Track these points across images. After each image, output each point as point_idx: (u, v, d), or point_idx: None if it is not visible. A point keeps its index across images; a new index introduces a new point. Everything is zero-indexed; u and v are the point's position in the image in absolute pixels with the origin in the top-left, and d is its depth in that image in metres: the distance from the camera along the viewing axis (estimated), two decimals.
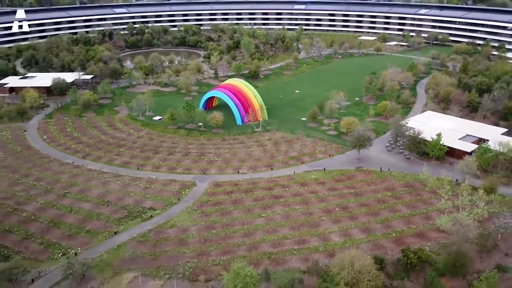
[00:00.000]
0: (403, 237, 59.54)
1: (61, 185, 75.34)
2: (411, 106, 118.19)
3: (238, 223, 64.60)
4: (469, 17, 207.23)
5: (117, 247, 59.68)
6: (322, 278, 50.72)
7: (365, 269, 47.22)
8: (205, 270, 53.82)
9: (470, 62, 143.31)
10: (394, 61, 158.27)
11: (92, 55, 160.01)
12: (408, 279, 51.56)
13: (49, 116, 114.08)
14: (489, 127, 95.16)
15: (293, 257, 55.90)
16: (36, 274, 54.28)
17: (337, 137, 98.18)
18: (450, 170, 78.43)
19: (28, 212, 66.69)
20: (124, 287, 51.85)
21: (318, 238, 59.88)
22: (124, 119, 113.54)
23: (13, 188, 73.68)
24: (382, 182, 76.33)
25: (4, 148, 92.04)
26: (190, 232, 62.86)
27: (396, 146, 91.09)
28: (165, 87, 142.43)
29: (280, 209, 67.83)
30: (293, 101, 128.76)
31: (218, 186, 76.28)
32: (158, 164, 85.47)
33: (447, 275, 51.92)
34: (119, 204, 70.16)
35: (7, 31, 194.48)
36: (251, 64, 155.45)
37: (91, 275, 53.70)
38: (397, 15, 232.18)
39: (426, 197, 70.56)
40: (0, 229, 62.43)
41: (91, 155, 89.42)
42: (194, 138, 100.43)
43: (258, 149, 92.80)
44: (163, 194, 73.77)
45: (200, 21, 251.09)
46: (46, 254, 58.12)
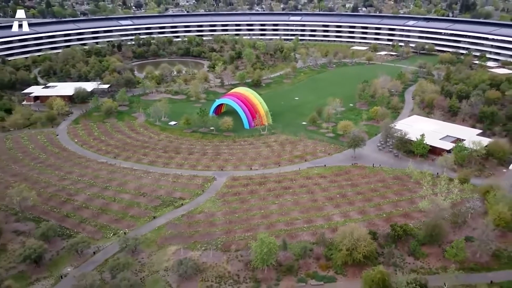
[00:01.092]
0: (392, 217, 73.15)
1: (102, 180, 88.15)
2: (400, 111, 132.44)
3: (255, 208, 77.80)
4: (453, 28, 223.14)
5: (157, 228, 72.54)
6: (327, 247, 64.07)
7: (362, 238, 60.61)
8: (233, 243, 66.90)
9: (452, 71, 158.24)
10: (385, 70, 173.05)
11: (106, 66, 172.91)
12: (395, 247, 64.99)
13: (75, 122, 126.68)
14: (466, 129, 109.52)
15: (303, 233, 69.20)
16: (95, 248, 66.98)
17: (335, 139, 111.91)
18: (431, 165, 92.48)
19: (79, 202, 79.42)
20: (170, 257, 64.72)
21: (322, 218, 73.30)
22: (143, 124, 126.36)
23: (62, 183, 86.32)
24: (374, 175, 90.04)
25: (44, 150, 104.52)
26: (217, 216, 75.90)
27: (386, 145, 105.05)
28: (176, 95, 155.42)
29: (290, 197, 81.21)
30: (294, 107, 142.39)
31: (235, 180, 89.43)
32: (181, 162, 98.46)
33: (427, 244, 65.53)
34: (153, 195, 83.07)
35: (21, 43, 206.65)
36: (253, 74, 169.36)
37: (140, 249, 66.47)
38: (387, 26, 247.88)
39: (411, 186, 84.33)
40: (60, 214, 75.10)
41: (121, 156, 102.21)
42: (208, 140, 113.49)
43: (266, 149, 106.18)
44: (189, 187, 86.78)
45: (201, 32, 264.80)
46: (100, 234, 70.79)
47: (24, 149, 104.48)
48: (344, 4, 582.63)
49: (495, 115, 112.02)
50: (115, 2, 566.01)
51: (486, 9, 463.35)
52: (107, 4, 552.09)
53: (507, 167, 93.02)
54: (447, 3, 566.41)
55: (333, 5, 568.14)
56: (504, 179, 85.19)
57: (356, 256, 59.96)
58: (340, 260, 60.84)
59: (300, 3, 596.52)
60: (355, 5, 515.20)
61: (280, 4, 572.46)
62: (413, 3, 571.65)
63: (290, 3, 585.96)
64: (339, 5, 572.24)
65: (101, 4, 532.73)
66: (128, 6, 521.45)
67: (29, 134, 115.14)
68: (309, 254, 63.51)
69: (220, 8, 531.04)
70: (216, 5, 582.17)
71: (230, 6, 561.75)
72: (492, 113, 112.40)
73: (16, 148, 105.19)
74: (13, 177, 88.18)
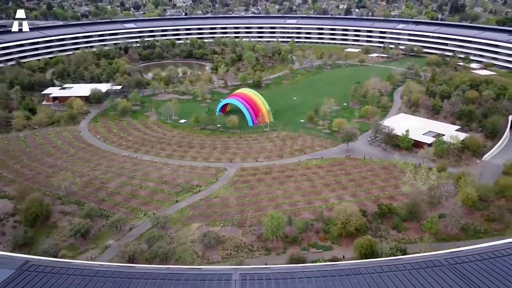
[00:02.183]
0: (379, 199, 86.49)
1: (128, 170, 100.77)
2: (388, 109, 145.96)
3: (263, 193, 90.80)
4: (440, 31, 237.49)
5: (180, 210, 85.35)
6: (325, 223, 77.30)
7: (353, 214, 73.83)
8: (247, 220, 79.97)
9: (437, 72, 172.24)
10: (376, 71, 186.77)
11: (116, 68, 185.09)
12: (381, 223, 78.33)
13: (94, 120, 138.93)
14: (446, 125, 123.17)
15: (305, 212, 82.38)
16: (130, 225, 79.73)
17: (330, 134, 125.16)
18: (414, 156, 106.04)
19: (111, 188, 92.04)
20: (194, 231, 77.66)
21: (320, 201, 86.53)
22: (156, 122, 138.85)
23: (93, 173, 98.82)
24: (365, 166, 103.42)
25: (71, 145, 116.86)
26: (230, 200, 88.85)
27: (375, 140, 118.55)
28: (183, 95, 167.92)
29: (292, 184, 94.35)
30: (292, 106, 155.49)
31: (244, 170, 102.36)
32: (194, 155, 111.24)
33: (407, 220, 78.94)
34: (174, 183, 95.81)
35: (32, 46, 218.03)
36: (254, 75, 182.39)
37: (168, 226, 79.27)
38: (378, 29, 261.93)
39: (396, 175, 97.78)
40: (97, 198, 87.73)
41: (141, 150, 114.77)
42: (217, 137, 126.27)
43: (269, 144, 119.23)
44: (204, 176, 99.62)
45: (201, 35, 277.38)
46: (132, 215, 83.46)
47: (54, 144, 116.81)
48: (337, 5, 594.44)
49: (472, 113, 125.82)
50: (113, 3, 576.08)
51: (474, 11, 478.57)
52: (105, 5, 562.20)
53: (480, 158, 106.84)
54: (437, 4, 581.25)
55: (326, 6, 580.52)
56: (476, 168, 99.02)
57: (349, 229, 73.15)
58: (335, 232, 74.04)
59: (294, 3, 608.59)
60: (349, 7, 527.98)
61: (275, 5, 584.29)
62: (404, 4, 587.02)
63: (285, 4, 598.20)
64: (332, 6, 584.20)
65: (100, 5, 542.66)
66: (126, 7, 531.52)
67: (55, 131, 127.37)
68: (310, 228, 76.70)
69: (217, 9, 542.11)
70: (212, 6, 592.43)
71: (227, 7, 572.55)
72: (470, 111, 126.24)
73: (47, 143, 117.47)
74: (50, 168, 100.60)
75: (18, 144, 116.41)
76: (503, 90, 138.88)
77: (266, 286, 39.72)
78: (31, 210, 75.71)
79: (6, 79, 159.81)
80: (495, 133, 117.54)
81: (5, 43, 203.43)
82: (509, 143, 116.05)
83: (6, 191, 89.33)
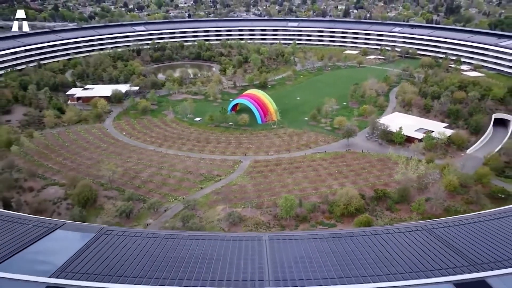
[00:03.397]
0: (375, 185, 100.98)
1: (156, 162, 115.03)
2: (384, 109, 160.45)
3: (275, 181, 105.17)
4: (433, 35, 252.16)
5: (205, 195, 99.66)
6: (329, 205, 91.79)
7: (354, 197, 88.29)
8: (264, 203, 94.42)
9: (430, 74, 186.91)
10: (373, 73, 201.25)
11: (132, 70, 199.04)
12: (377, 205, 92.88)
13: (118, 118, 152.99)
14: (436, 123, 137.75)
15: (312, 196, 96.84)
16: (165, 208, 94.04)
17: (332, 131, 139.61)
18: (406, 150, 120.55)
19: (144, 177, 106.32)
20: (219, 212, 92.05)
21: (325, 187, 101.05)
22: (174, 120, 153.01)
23: (126, 164, 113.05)
24: (363, 158, 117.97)
25: (102, 141, 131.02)
26: (247, 187, 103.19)
27: (372, 136, 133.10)
28: (195, 95, 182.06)
29: (300, 173, 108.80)
30: (296, 106, 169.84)
31: (257, 162, 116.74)
32: (212, 150, 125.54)
33: (399, 203, 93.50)
34: (197, 173, 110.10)
35: (51, 48, 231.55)
36: (259, 76, 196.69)
37: (197, 208, 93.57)
38: (375, 32, 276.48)
39: (390, 166, 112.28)
40: (133, 185, 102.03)
41: (164, 145, 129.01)
42: (230, 133, 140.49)
43: (278, 140, 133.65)
44: (222, 167, 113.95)
45: (207, 37, 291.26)
46: (165, 199, 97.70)
47: (86, 140, 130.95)
48: (336, 6, 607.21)
49: (459, 112, 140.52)
50: (116, 4, 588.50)
51: (469, 13, 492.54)
52: (109, 5, 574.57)
53: (464, 152, 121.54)
54: (434, 5, 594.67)
55: (325, 7, 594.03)
56: (460, 160, 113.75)
57: (350, 209, 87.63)
58: (338, 212, 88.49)
59: (294, 4, 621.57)
60: (347, 8, 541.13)
61: (275, 6, 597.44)
62: (401, 5, 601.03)
63: (285, 4, 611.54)
64: (331, 7, 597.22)
65: (104, 5, 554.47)
66: (130, 8, 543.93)
67: (84, 128, 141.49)
68: (317, 209, 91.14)
69: (218, 10, 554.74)
70: (214, 7, 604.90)
71: (228, 8, 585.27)
72: (457, 110, 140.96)
73: (80, 139, 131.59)
74: (88, 160, 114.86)
75: (55, 139, 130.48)
76: (488, 91, 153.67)
77: (288, 243, 53.60)
78: (82, 194, 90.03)
79: (33, 80, 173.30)
80: (479, 130, 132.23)
81: (27, 46, 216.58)
82: (491, 138, 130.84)
83: (55, 179, 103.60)
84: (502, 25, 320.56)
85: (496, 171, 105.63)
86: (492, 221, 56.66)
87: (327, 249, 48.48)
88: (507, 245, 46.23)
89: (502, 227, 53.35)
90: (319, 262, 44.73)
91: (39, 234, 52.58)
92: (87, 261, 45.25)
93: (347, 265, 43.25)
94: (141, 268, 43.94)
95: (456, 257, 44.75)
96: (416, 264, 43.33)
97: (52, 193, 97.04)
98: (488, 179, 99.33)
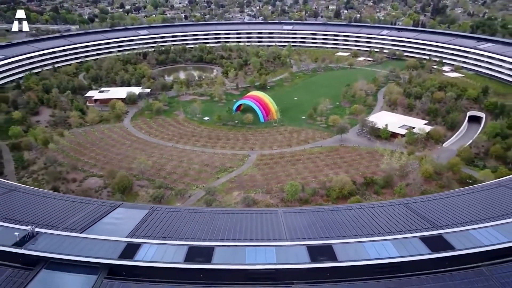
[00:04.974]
0: (365, 174, 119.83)
1: (176, 157, 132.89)
2: (373, 108, 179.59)
3: (280, 171, 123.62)
4: (419, 37, 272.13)
5: (222, 184, 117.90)
6: (327, 190, 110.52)
7: (347, 183, 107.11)
8: (272, 189, 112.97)
9: (414, 76, 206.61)
10: (363, 74, 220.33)
11: (141, 73, 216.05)
12: (366, 189, 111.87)
13: (135, 118, 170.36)
14: (417, 120, 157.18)
15: (312, 183, 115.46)
16: (189, 194, 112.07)
17: (327, 128, 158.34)
18: (391, 144, 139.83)
19: (168, 169, 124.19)
20: (235, 197, 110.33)
21: (323, 175, 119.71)
22: (185, 119, 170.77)
23: (151, 159, 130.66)
24: (354, 151, 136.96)
25: (125, 138, 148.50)
26: (257, 176, 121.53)
27: (362, 132, 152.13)
28: (201, 96, 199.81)
29: (301, 165, 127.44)
30: (294, 105, 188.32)
31: (263, 156, 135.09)
32: (223, 145, 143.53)
33: (384, 187, 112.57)
34: (213, 165, 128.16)
35: (63, 52, 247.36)
36: (259, 78, 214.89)
37: (216, 193, 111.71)
38: (365, 35, 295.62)
39: (377, 157, 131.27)
40: (160, 177, 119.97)
41: (180, 141, 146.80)
42: (237, 131, 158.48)
43: (279, 136, 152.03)
44: (233, 160, 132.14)
45: (207, 39, 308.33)
46: (188, 187, 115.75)
47: (111, 138, 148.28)
48: (327, 6, 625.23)
49: (437, 111, 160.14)
50: (113, 4, 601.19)
51: (454, 13, 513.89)
52: (105, 6, 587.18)
53: (441, 145, 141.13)
54: (421, 4, 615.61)
55: (317, 7, 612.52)
56: (436, 152, 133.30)
57: (343, 193, 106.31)
58: (334, 195, 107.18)
59: (286, 4, 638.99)
60: (338, 8, 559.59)
61: (269, 6, 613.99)
62: (390, 5, 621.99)
63: (278, 5, 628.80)
64: (322, 7, 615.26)
65: (100, 6, 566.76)
66: (127, 10, 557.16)
67: (106, 128, 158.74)
68: (317, 193, 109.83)
69: (214, 10, 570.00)
70: (209, 7, 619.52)
71: (222, 8, 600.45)
72: (436, 109, 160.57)
73: (105, 137, 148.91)
74: (118, 155, 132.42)
75: (83, 138, 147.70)
76: (463, 91, 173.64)
77: (298, 215, 71.58)
78: (121, 183, 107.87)
79: (54, 84, 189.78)
80: (454, 126, 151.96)
81: (41, 51, 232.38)
82: (466, 134, 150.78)
83: (93, 172, 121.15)
84: (484, 27, 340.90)
85: (467, 161, 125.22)
86: (454, 197, 75.06)
87: (327, 218, 65.87)
88: (463, 213, 63.86)
89: (461, 201, 70.68)
90: (322, 227, 62.27)
91: (105, 210, 69.65)
92: (149, 228, 62.07)
93: (342, 228, 61.20)
94: (190, 232, 60.58)
95: (423, 222, 62.13)
96: (393, 226, 60.80)
97: (93, 183, 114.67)
98: (459, 167, 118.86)
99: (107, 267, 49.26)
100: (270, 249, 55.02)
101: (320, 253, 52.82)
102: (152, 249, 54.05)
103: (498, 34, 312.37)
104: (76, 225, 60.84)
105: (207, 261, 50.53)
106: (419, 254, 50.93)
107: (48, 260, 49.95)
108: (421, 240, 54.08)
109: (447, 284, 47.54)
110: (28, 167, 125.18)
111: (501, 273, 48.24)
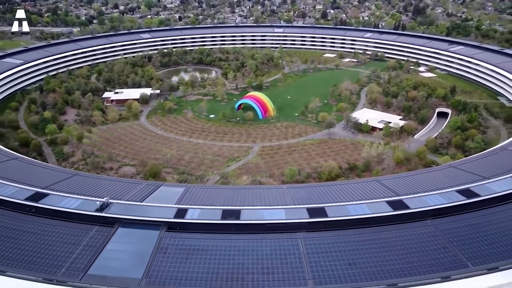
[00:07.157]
0: (349, 160, 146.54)
1: (191, 149, 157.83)
2: (356, 105, 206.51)
3: (279, 160, 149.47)
4: (398, 40, 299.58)
5: (232, 170, 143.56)
6: (318, 173, 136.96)
7: (334, 168, 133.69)
8: (274, 173, 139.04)
9: (392, 76, 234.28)
10: (348, 74, 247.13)
11: (149, 75, 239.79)
12: (350, 173, 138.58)
13: (149, 117, 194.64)
14: (394, 116, 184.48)
15: (306, 168, 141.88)
16: (207, 179, 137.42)
17: (317, 124, 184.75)
18: (371, 137, 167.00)
19: (186, 160, 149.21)
20: (245, 180, 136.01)
21: (315, 162, 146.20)
22: (194, 117, 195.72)
23: (171, 151, 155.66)
24: (340, 143, 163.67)
25: (145, 134, 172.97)
26: (261, 164, 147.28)
27: (347, 127, 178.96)
28: (205, 96, 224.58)
29: (297, 154, 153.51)
30: (288, 104, 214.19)
31: (264, 147, 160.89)
32: (229, 139, 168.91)
33: (364, 171, 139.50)
34: (223, 155, 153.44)
35: (73, 56, 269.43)
36: (256, 79, 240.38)
37: (229, 177, 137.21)
38: (350, 37, 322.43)
39: (359, 148, 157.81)
40: (181, 165, 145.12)
41: (193, 136, 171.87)
42: (240, 127, 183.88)
43: (277, 131, 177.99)
44: (240, 151, 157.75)
45: (204, 42, 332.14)
46: (205, 173, 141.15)
47: (133, 134, 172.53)
48: (314, 6, 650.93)
49: (410, 108, 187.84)
50: (107, 5, 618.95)
51: (434, 13, 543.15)
52: (100, 6, 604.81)
53: (412, 137, 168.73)
54: (404, 3, 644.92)
55: (304, 7, 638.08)
56: (408, 143, 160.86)
57: (332, 175, 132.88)
58: (324, 177, 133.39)
59: (275, 4, 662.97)
60: (325, 9, 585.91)
61: (258, 6, 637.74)
62: (374, 4, 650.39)
63: (267, 4, 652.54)
64: (310, 7, 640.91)
65: (96, 5, 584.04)
66: (122, 10, 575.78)
67: (127, 125, 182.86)
68: (310, 176, 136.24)
69: (206, 11, 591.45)
70: (200, 7, 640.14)
71: (214, 8, 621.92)
72: (409, 106, 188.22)
73: (128, 133, 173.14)
74: (143, 148, 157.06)
75: (109, 134, 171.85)
76: (433, 91, 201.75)
77: (299, 189, 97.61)
78: (152, 170, 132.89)
79: (74, 86, 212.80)
80: (424, 121, 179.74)
81: (55, 55, 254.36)
82: (434, 127, 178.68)
83: (125, 162, 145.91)
84: (459, 28, 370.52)
85: (432, 149, 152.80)
86: (414, 175, 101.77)
87: (320, 191, 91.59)
88: (419, 185, 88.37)
89: (419, 178, 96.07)
90: (317, 196, 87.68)
91: (152, 189, 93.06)
92: (190, 199, 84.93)
93: (331, 196, 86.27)
94: (221, 201, 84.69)
95: (390, 191, 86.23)
96: (365, 195, 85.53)
97: (127, 171, 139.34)
98: (424, 154, 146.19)
99: (166, 224, 66.52)
100: (280, 211, 79.01)
101: (315, 213, 75.76)
102: (196, 212, 76.03)
103: (472, 35, 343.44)
104: (135, 198, 76.77)
105: (236, 219, 68.76)
106: (385, 212, 69.37)
107: (122, 220, 66.43)
108: (387, 203, 72.27)
109: (404, 231, 72.57)
110: (68, 159, 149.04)
111: (440, 224, 73.82)
